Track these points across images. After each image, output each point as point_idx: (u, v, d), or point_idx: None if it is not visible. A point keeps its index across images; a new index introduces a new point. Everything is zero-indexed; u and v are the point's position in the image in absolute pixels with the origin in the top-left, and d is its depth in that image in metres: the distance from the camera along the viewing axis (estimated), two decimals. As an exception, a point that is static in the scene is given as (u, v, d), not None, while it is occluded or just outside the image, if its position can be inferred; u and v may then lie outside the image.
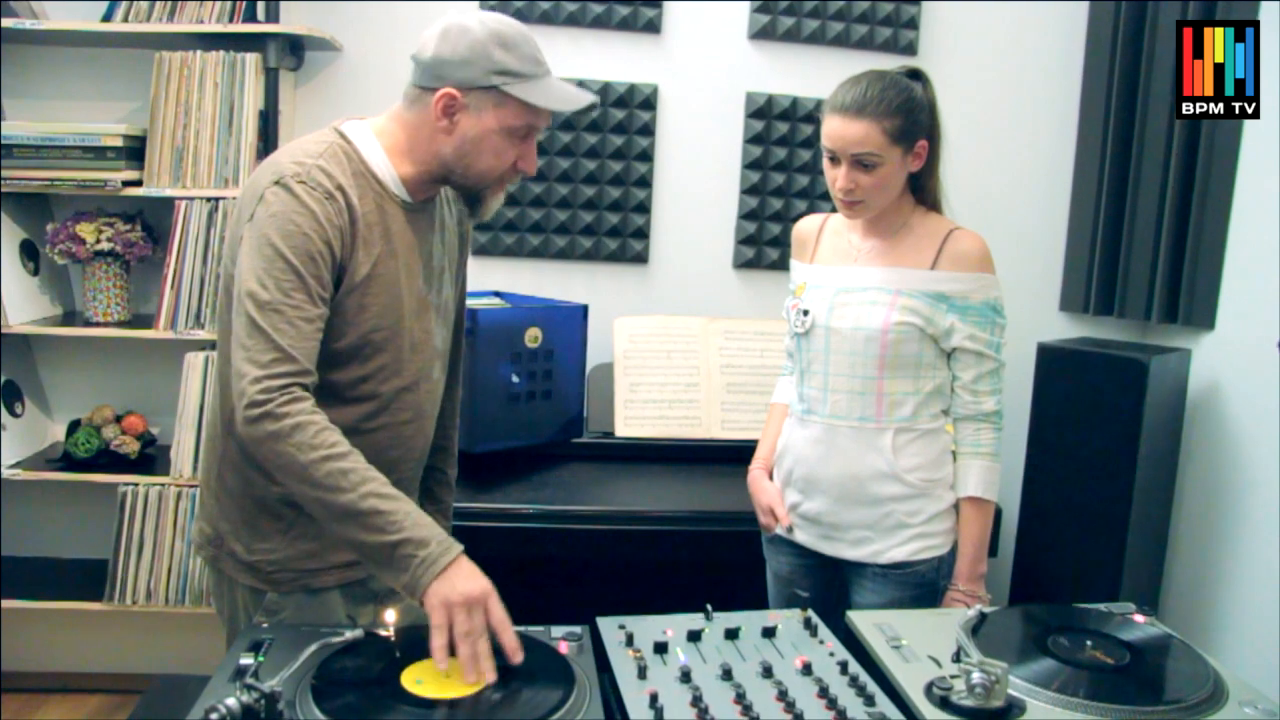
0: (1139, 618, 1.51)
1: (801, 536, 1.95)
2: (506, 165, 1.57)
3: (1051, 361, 2.71)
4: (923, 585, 1.86)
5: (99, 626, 2.93)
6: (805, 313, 1.89)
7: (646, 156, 2.95)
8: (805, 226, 2.03)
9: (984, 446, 1.87)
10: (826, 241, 1.96)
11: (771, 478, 2.03)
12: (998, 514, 2.58)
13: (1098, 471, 2.58)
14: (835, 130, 1.76)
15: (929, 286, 1.82)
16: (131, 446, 2.72)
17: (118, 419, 2.78)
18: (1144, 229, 2.84)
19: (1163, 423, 2.64)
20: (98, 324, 2.67)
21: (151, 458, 2.78)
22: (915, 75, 1.84)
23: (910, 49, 2.98)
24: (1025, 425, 2.78)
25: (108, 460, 2.71)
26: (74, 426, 2.75)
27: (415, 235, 1.61)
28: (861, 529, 1.86)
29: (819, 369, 1.88)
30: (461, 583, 1.32)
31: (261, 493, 1.58)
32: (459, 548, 1.37)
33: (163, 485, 2.65)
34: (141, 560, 2.65)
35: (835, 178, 1.79)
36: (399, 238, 1.58)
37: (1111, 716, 1.22)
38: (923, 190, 1.90)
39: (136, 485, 2.64)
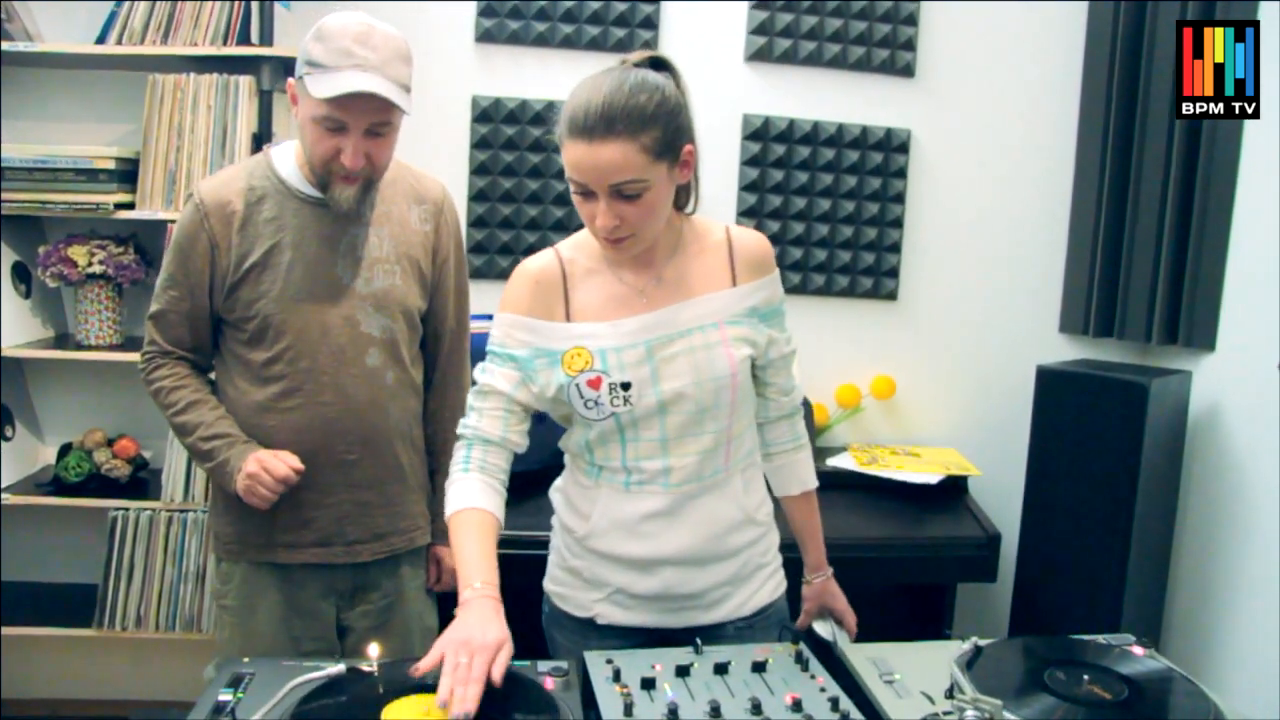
0: (1138, 650, 1.48)
1: (630, 618, 1.61)
2: (326, 153, 1.71)
3: (1051, 384, 2.69)
4: (781, 621, 1.70)
5: (88, 653, 2.90)
6: (625, 386, 1.51)
7: (642, 178, 2.93)
8: (545, 277, 1.58)
9: (802, 437, 1.73)
10: (587, 289, 1.57)
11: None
12: (998, 539, 2.56)
13: (1098, 496, 2.56)
14: (582, 159, 1.42)
15: (742, 305, 1.59)
16: (123, 470, 2.70)
17: (109, 442, 2.75)
18: (1144, 250, 2.82)
19: (1163, 446, 2.61)
20: (90, 347, 2.65)
21: (143, 482, 2.75)
22: (658, 65, 1.52)
23: (908, 70, 2.97)
24: (1024, 449, 2.76)
25: (98, 484, 2.68)
26: (65, 450, 2.73)
27: (327, 226, 1.81)
28: (719, 587, 1.61)
29: (651, 437, 1.54)
30: (249, 469, 1.75)
31: None
32: (247, 452, 1.77)
33: (154, 510, 2.62)
34: (132, 586, 2.62)
35: (592, 214, 1.46)
36: (300, 230, 1.79)
37: (1109, 756, 1.19)
38: (684, 196, 1.61)
39: (127, 510, 2.62)
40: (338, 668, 1.31)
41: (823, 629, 1.65)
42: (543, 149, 2.89)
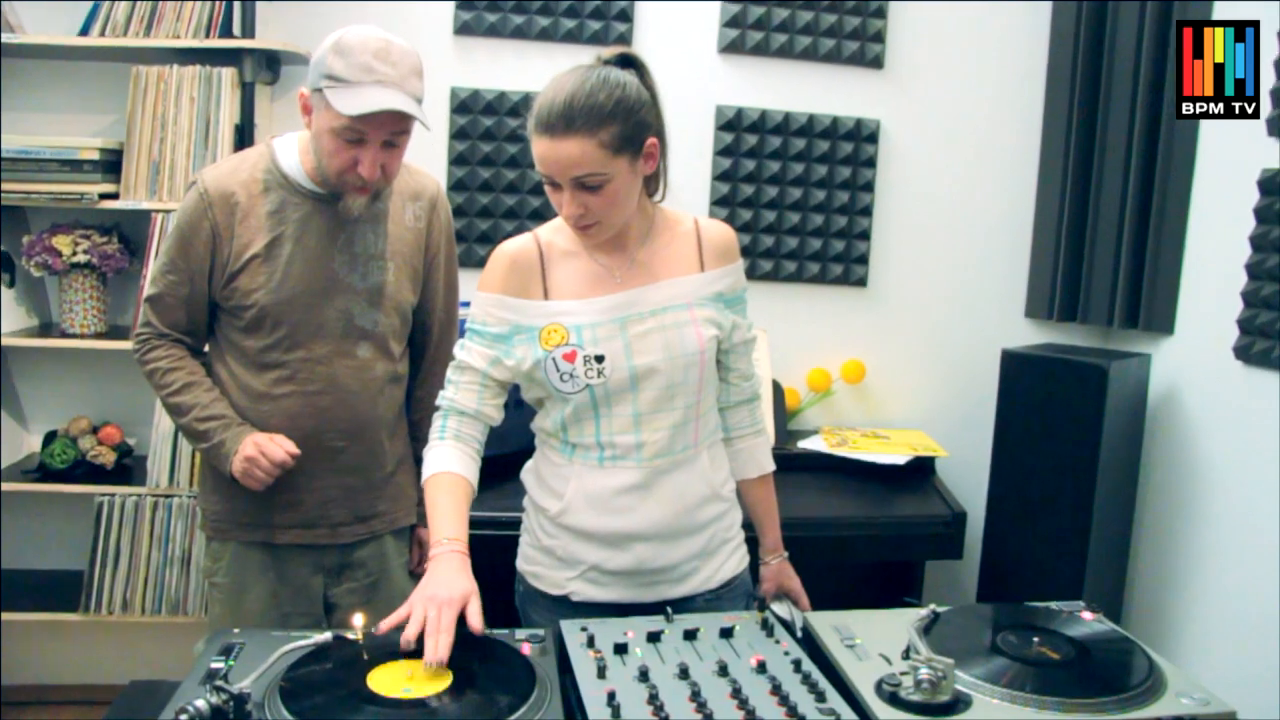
0: (1087, 615, 1.56)
1: (603, 594, 1.67)
2: (342, 165, 1.76)
3: (1015, 367, 2.76)
4: (748, 593, 1.79)
5: (75, 638, 2.95)
6: (599, 359, 1.60)
7: (618, 168, 2.99)
8: (522, 258, 1.65)
9: (760, 422, 1.82)
10: (564, 270, 1.65)
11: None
12: (964, 517, 2.64)
13: (1061, 475, 2.63)
14: (545, 154, 1.52)
15: (709, 289, 1.69)
16: (108, 457, 2.74)
17: (94, 430, 2.79)
18: (1106, 237, 2.90)
19: (1123, 426, 2.69)
20: (74, 335, 2.69)
21: (128, 468, 2.80)
22: (627, 62, 1.60)
23: (877, 62, 3.04)
24: (990, 430, 2.84)
25: (84, 471, 2.72)
26: (50, 437, 2.77)
27: (327, 221, 1.86)
28: (689, 561, 1.69)
29: (624, 412, 1.62)
30: (247, 452, 1.81)
31: None
32: (242, 435, 1.83)
33: (139, 496, 2.67)
34: (118, 571, 2.67)
35: (559, 203, 1.57)
36: (300, 224, 1.85)
37: (1053, 709, 1.27)
38: (653, 184, 1.70)
39: (113, 496, 2.66)
40: (325, 636, 1.37)
41: (780, 609, 1.72)
42: (520, 140, 2.94)
